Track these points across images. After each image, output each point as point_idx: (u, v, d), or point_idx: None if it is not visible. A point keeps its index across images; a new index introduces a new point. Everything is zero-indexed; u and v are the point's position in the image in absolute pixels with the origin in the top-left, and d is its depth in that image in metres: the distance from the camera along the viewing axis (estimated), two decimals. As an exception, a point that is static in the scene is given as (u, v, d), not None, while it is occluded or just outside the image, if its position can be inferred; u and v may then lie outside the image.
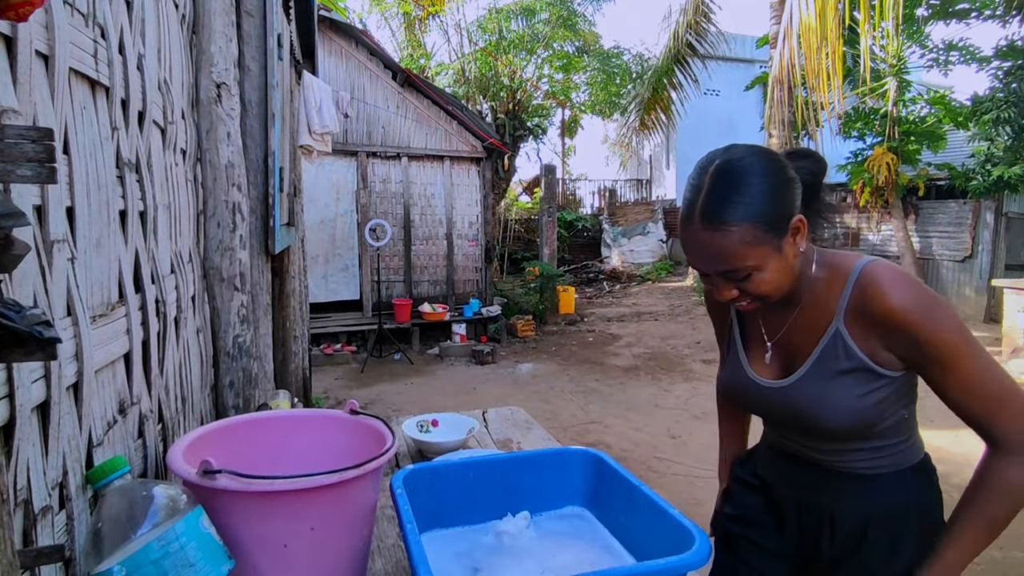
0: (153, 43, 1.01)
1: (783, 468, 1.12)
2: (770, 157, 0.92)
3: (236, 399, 1.43)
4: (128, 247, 0.84)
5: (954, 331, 0.89)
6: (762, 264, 0.90)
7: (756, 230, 0.87)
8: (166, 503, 0.72)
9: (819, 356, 0.97)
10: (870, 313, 0.92)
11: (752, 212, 0.87)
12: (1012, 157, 8.14)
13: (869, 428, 0.97)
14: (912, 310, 0.89)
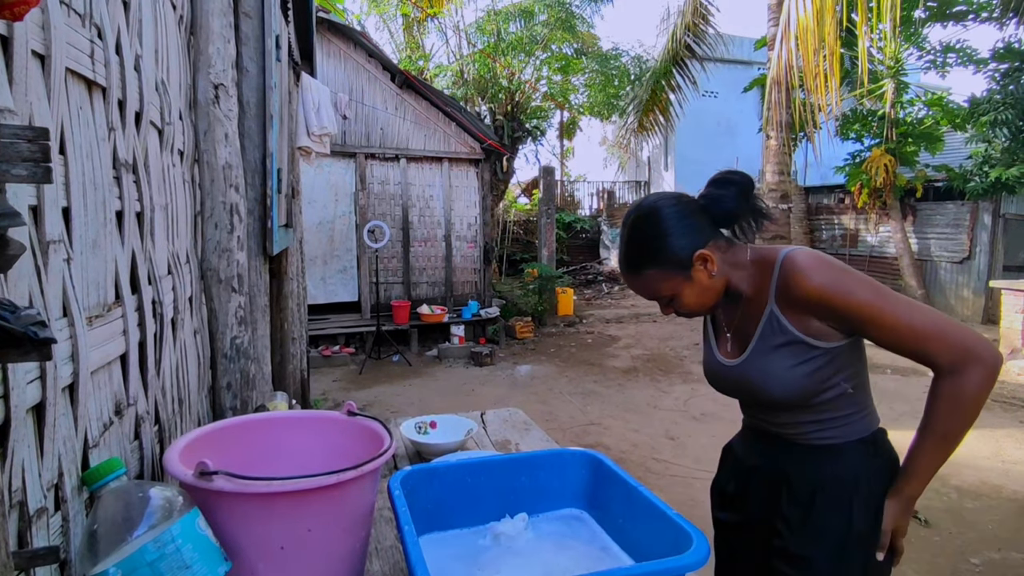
0: (150, 44, 1.01)
1: (751, 442, 1.28)
2: (674, 207, 1.13)
3: (234, 401, 1.43)
4: (125, 248, 0.84)
5: (866, 291, 1.05)
6: (678, 292, 1.14)
7: (662, 272, 1.12)
8: (162, 505, 0.72)
9: (760, 335, 1.13)
10: (794, 296, 1.08)
11: (656, 261, 1.12)
12: (1009, 159, 8.16)
13: (811, 396, 1.10)
14: (827, 285, 1.05)
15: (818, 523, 1.12)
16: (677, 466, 3.87)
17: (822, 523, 1.12)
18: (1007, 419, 4.86)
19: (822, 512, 1.12)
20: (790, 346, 1.10)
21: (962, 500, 3.46)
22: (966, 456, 4.08)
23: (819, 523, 1.12)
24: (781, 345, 1.10)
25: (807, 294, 1.06)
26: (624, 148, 11.70)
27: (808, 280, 1.06)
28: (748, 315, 1.17)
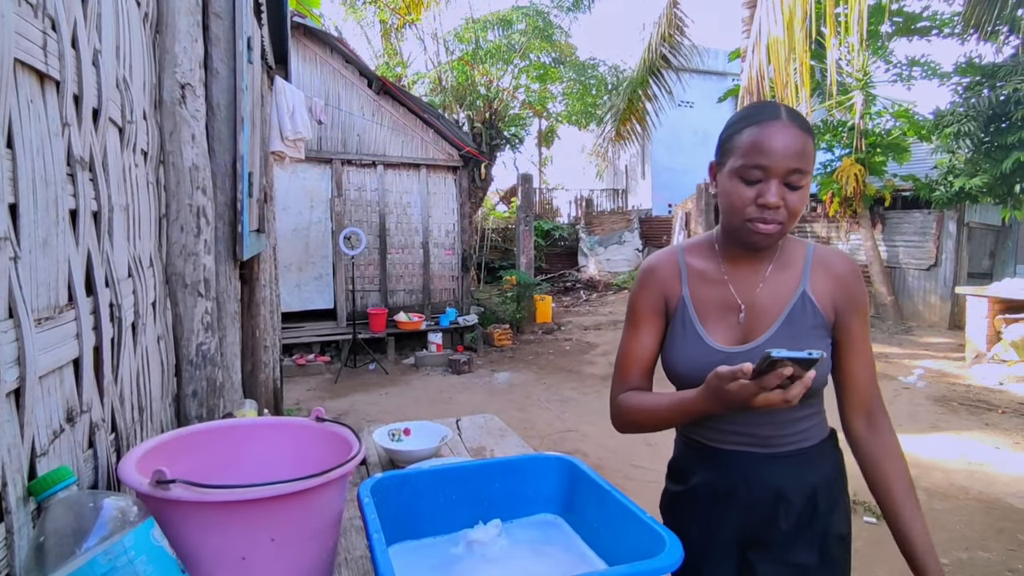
0: (111, 39, 0.98)
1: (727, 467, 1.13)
2: None
3: (199, 409, 1.38)
4: (79, 248, 0.80)
5: (867, 301, 1.12)
6: (808, 180, 1.02)
7: (812, 149, 1.02)
8: (115, 515, 0.68)
9: (788, 315, 1.07)
10: (834, 273, 1.09)
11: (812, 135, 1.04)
12: (972, 169, 8.42)
13: (823, 386, 1.09)
14: (859, 273, 1.11)
15: (818, 529, 1.09)
16: (655, 472, 3.87)
17: (823, 528, 1.09)
18: (972, 422, 4.98)
19: (822, 518, 1.09)
20: (817, 330, 1.07)
21: (931, 501, 3.53)
22: (934, 458, 4.17)
23: (820, 529, 1.09)
24: (811, 328, 1.06)
25: (846, 273, 1.09)
26: (602, 156, 11.81)
27: (847, 261, 1.11)
28: (771, 290, 1.09)
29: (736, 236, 1.08)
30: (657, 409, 1.09)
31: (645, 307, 1.17)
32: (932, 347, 7.85)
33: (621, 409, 1.16)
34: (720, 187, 1.07)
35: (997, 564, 2.86)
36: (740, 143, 1.02)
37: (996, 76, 8.05)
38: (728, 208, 1.05)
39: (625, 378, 1.18)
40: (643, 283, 1.18)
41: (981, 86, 8.24)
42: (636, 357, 1.17)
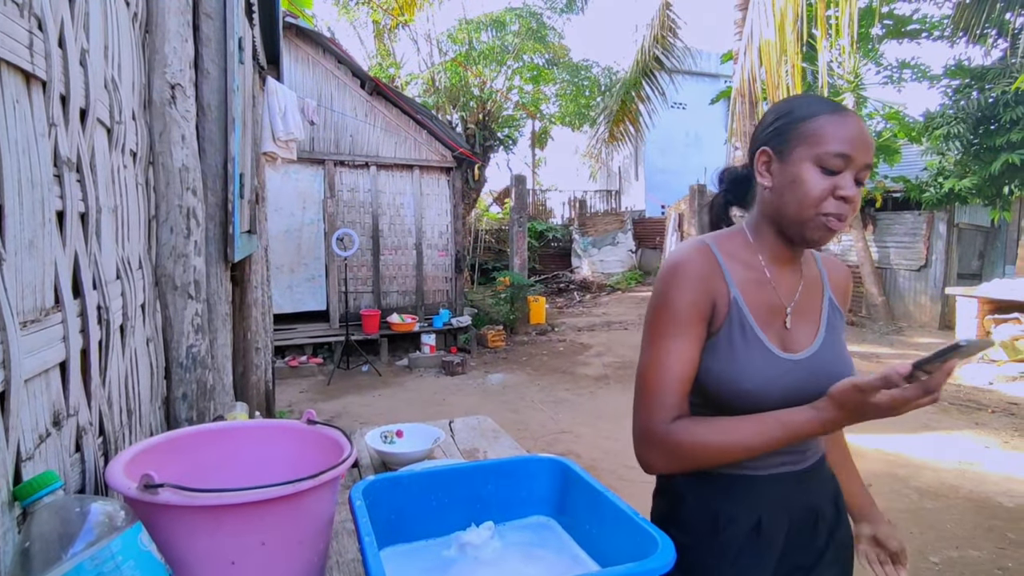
0: (99, 39, 0.97)
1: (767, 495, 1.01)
2: None
3: (189, 412, 1.37)
4: (66, 250, 0.79)
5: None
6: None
7: None
8: (102, 520, 0.68)
9: (827, 321, 1.05)
10: (838, 279, 1.10)
11: None
12: (962, 170, 8.50)
13: None
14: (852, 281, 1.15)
15: (839, 537, 1.08)
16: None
17: (844, 535, 1.10)
18: (963, 421, 5.02)
19: (844, 525, 1.09)
20: (842, 336, 1.06)
21: (922, 501, 3.55)
22: (925, 458, 4.20)
23: (840, 536, 1.09)
24: (840, 332, 1.05)
25: (845, 282, 1.11)
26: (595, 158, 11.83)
27: (847, 270, 1.12)
28: (807, 295, 1.06)
29: (799, 231, 0.97)
30: (743, 437, 0.91)
31: (690, 310, 0.95)
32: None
33: (676, 443, 0.93)
34: (784, 176, 0.97)
35: (987, 563, 2.88)
36: (817, 130, 0.95)
37: (985, 79, 8.13)
38: (800, 199, 0.95)
39: (668, 402, 0.95)
40: (680, 282, 0.96)
41: (970, 89, 8.33)
42: (679, 374, 0.95)
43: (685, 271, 0.97)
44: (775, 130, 1.00)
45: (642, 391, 0.99)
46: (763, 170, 1.01)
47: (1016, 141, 7.66)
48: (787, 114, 1.00)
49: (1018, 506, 3.47)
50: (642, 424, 0.98)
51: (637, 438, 1.00)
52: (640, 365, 1.00)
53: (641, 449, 0.99)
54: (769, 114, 1.05)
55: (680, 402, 0.97)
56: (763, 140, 1.01)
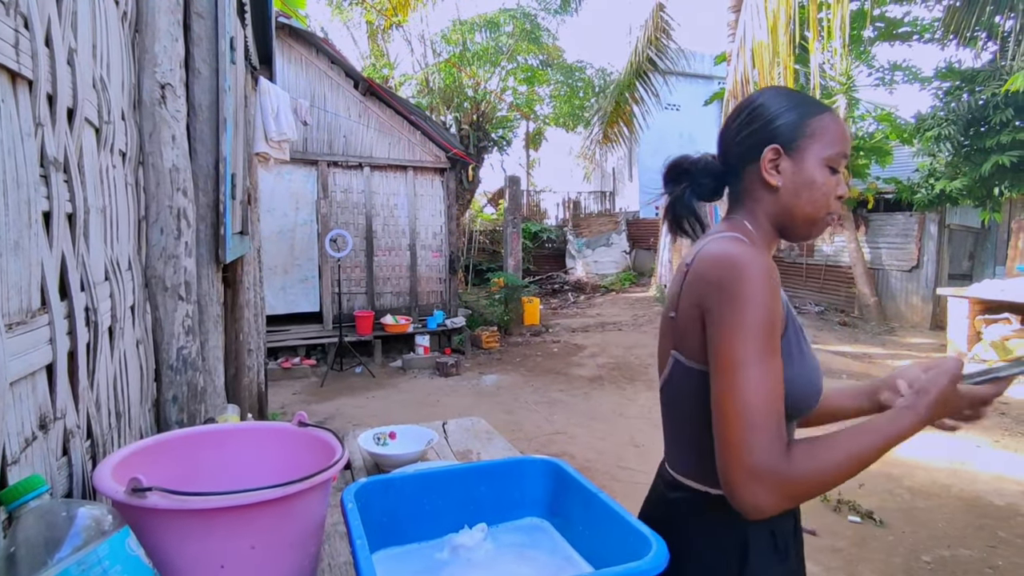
0: (87, 38, 0.96)
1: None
2: None
3: (180, 414, 1.36)
4: (53, 251, 0.79)
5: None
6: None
7: None
8: (89, 524, 0.67)
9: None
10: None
11: None
12: (952, 172, 8.57)
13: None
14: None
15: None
16: (643, 473, 3.88)
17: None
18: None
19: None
20: None
21: (914, 500, 3.57)
22: (917, 457, 4.22)
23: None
24: None
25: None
26: (589, 159, 11.85)
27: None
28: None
29: (807, 230, 0.98)
30: (863, 451, 0.83)
31: (779, 321, 0.86)
32: (915, 347, 7.96)
33: (802, 476, 0.81)
34: (799, 176, 0.95)
35: (978, 561, 2.90)
36: (826, 129, 0.95)
37: (975, 81, 8.20)
38: (817, 199, 0.95)
39: (781, 432, 0.82)
40: (775, 289, 0.86)
41: (961, 91, 8.39)
42: (781, 395, 0.84)
43: (774, 276, 0.86)
44: (784, 126, 0.96)
45: (748, 423, 0.81)
46: (771, 168, 0.97)
47: (1006, 143, 7.73)
48: (792, 109, 0.97)
49: (1008, 505, 3.49)
50: (754, 463, 0.80)
51: (743, 480, 0.81)
52: (736, 390, 0.82)
53: (751, 492, 0.81)
54: (765, 108, 0.98)
55: (782, 427, 0.84)
56: (769, 136, 0.96)
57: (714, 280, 0.87)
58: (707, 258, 0.90)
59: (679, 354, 0.97)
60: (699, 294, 0.90)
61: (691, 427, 0.98)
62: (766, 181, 0.97)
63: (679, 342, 0.96)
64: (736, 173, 1.02)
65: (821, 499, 3.46)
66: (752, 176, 1.00)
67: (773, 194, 0.97)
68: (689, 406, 0.97)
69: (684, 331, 0.94)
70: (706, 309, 0.88)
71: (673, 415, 1.04)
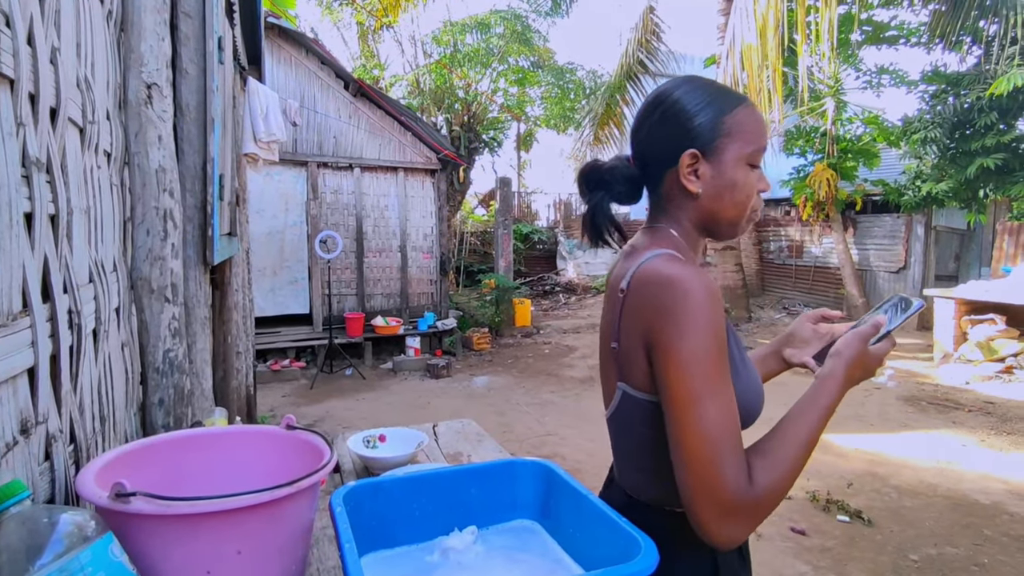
0: (71, 37, 0.95)
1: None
2: None
3: (166, 418, 1.35)
4: (35, 253, 0.77)
5: None
6: None
7: None
8: (71, 530, 0.66)
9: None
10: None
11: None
12: (939, 174, 8.67)
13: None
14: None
15: None
16: (632, 474, 3.89)
17: None
18: (941, 420, 5.11)
19: None
20: None
21: (901, 499, 3.60)
22: (904, 456, 4.26)
23: None
24: None
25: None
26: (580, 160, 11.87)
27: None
28: None
29: (731, 231, 0.96)
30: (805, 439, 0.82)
31: (725, 343, 0.83)
32: (902, 348, 8.04)
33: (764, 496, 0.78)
34: (720, 180, 0.91)
35: (964, 559, 2.93)
36: (743, 125, 0.90)
37: (960, 84, 8.30)
38: (740, 201, 0.91)
39: (743, 458, 0.80)
40: (720, 308, 0.82)
41: (946, 94, 8.49)
42: (737, 421, 0.81)
43: (716, 293, 0.82)
44: (700, 127, 0.91)
45: (713, 461, 0.77)
46: (690, 174, 0.91)
47: (990, 146, 7.83)
48: (707, 107, 0.91)
49: (994, 503, 3.53)
50: (726, 500, 0.77)
51: (715, 519, 0.78)
52: (696, 427, 0.78)
53: (725, 528, 0.78)
54: (678, 106, 0.92)
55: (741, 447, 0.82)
56: (686, 139, 0.91)
57: (657, 308, 0.82)
58: (646, 282, 0.85)
59: (626, 386, 0.92)
60: (642, 322, 0.84)
61: (647, 453, 0.95)
62: (686, 187, 0.92)
63: (624, 373, 0.91)
64: (654, 177, 0.97)
65: (810, 499, 3.48)
66: (671, 180, 0.94)
67: (695, 199, 0.93)
68: (643, 435, 0.94)
69: (629, 362, 0.89)
70: (651, 340, 0.83)
71: (626, 445, 1.01)
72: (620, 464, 1.07)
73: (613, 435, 1.05)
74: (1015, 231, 8.14)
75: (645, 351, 0.85)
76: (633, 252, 0.96)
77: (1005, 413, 5.21)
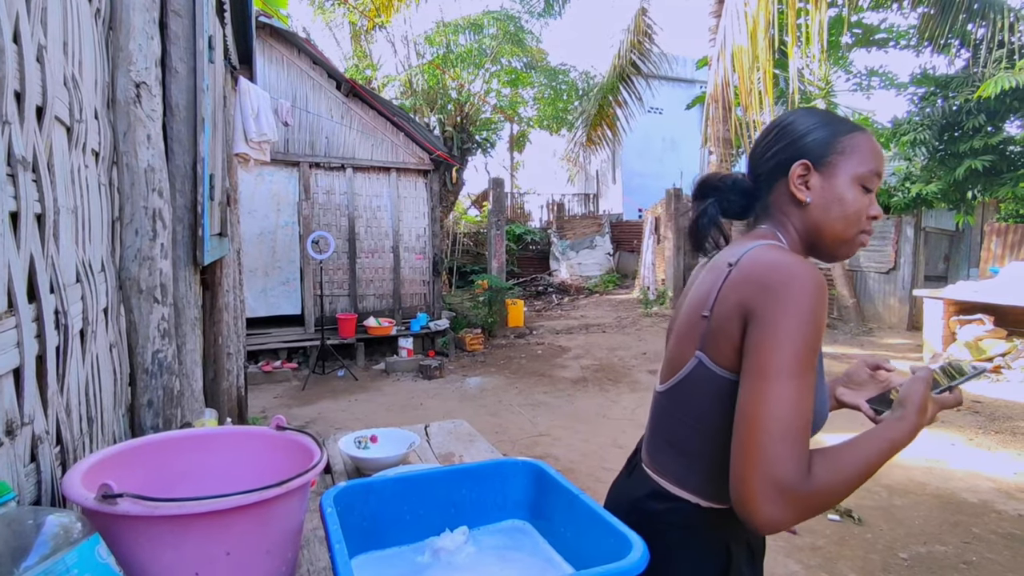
0: (58, 35, 0.94)
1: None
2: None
3: (155, 419, 1.34)
4: (21, 252, 0.77)
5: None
6: None
7: None
8: (57, 532, 0.65)
9: None
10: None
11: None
12: (928, 176, 8.75)
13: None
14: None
15: None
16: (625, 474, 3.90)
17: None
18: (930, 420, 5.14)
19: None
20: None
21: (891, 498, 3.63)
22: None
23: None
24: None
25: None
26: (573, 161, 11.89)
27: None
28: None
29: (837, 249, 0.97)
30: (871, 462, 0.83)
31: (821, 340, 0.84)
32: (892, 348, 8.10)
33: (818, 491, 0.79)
34: (830, 192, 0.94)
35: (952, 557, 2.95)
36: (860, 147, 0.94)
37: (949, 87, 8.38)
38: (848, 216, 0.94)
39: (806, 450, 0.80)
40: (826, 305, 0.83)
41: (935, 96, 8.58)
42: (811, 412, 0.82)
43: (826, 292, 0.83)
44: (814, 142, 0.95)
45: (779, 434, 0.78)
46: (800, 184, 0.96)
47: (978, 148, 7.91)
48: (823, 127, 0.96)
49: (982, 502, 3.57)
50: (780, 476, 0.77)
51: (764, 493, 0.78)
52: (771, 398, 0.79)
53: (770, 507, 0.78)
54: (796, 125, 0.98)
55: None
56: (799, 152, 0.96)
57: (768, 284, 0.83)
58: (759, 261, 0.87)
59: (705, 356, 0.91)
60: (745, 295, 0.85)
61: (699, 435, 0.95)
62: (795, 196, 0.96)
63: (708, 344, 0.91)
64: (765, 189, 1.01)
65: (801, 498, 3.50)
66: (781, 191, 0.98)
67: (802, 209, 0.96)
68: (704, 412, 0.93)
69: (717, 332, 0.89)
70: (751, 312, 0.84)
71: (676, 419, 0.99)
72: (657, 445, 1.05)
73: (663, 409, 1.03)
74: (1003, 232, 8.22)
75: (741, 322, 0.85)
76: (738, 242, 0.99)
77: (993, 412, 5.26)
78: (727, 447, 0.85)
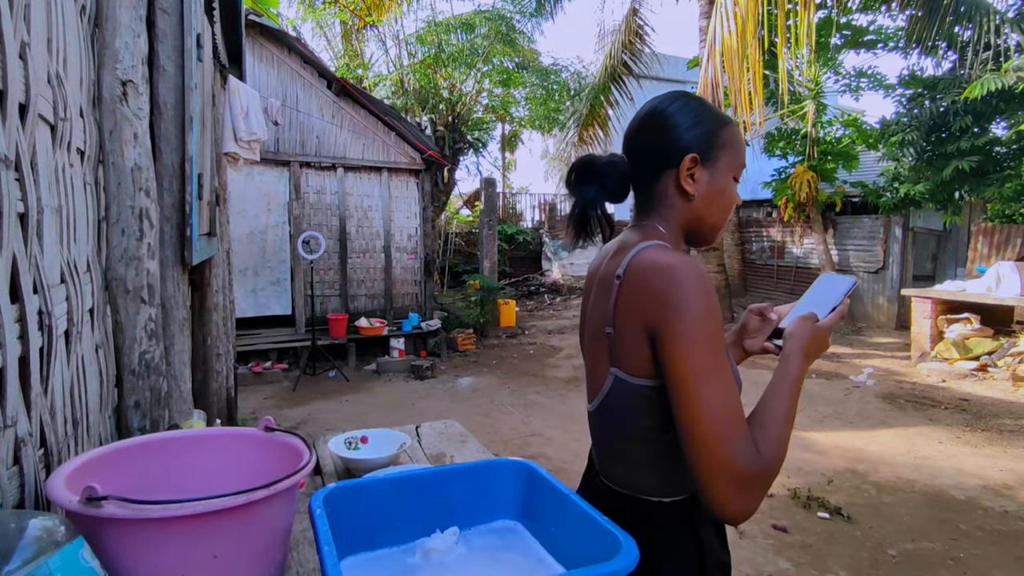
0: (41, 32, 0.93)
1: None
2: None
3: (143, 421, 1.32)
4: (3, 252, 0.75)
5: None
6: None
7: None
8: (40, 535, 0.64)
9: None
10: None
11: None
12: (916, 176, 8.82)
13: None
14: None
15: None
16: (617, 474, 3.90)
17: None
18: (918, 418, 5.20)
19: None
20: None
21: (880, 495, 3.66)
22: (883, 454, 4.33)
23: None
24: None
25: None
26: (565, 161, 11.89)
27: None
28: None
29: (708, 237, 1.02)
30: (789, 412, 0.88)
31: (721, 324, 0.87)
32: (881, 347, 8.17)
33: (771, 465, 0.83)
34: (713, 184, 0.97)
35: (940, 553, 2.98)
36: (734, 141, 0.98)
37: (936, 88, 8.47)
38: (726, 209, 0.99)
39: (747, 429, 0.84)
40: (715, 293, 0.87)
41: (923, 98, 8.65)
42: (738, 396, 0.86)
43: (711, 281, 0.86)
44: (701, 135, 0.96)
45: (724, 435, 0.80)
46: (689, 177, 0.96)
47: (965, 148, 7.99)
48: (705, 119, 0.97)
49: (969, 499, 3.60)
50: (740, 472, 0.80)
51: (732, 492, 0.80)
52: (704, 403, 0.81)
53: (741, 501, 0.81)
54: (680, 115, 0.97)
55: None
56: (687, 144, 0.96)
57: (655, 293, 0.85)
58: (643, 269, 0.88)
59: (619, 371, 0.93)
60: (640, 307, 0.87)
61: (639, 443, 0.97)
62: (683, 189, 0.97)
63: (618, 359, 0.93)
64: (648, 176, 1.00)
65: (792, 497, 3.53)
66: (668, 182, 0.98)
67: (688, 201, 0.98)
68: (636, 423, 0.95)
69: (626, 348, 0.91)
70: (652, 325, 0.86)
71: (613, 434, 1.02)
72: (605, 459, 1.08)
73: (599, 428, 1.06)
74: (989, 232, 8.31)
75: (647, 336, 0.88)
76: (623, 247, 0.98)
77: (980, 410, 5.32)
78: (669, 444, 0.90)
